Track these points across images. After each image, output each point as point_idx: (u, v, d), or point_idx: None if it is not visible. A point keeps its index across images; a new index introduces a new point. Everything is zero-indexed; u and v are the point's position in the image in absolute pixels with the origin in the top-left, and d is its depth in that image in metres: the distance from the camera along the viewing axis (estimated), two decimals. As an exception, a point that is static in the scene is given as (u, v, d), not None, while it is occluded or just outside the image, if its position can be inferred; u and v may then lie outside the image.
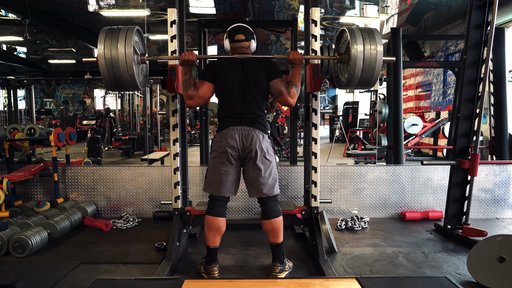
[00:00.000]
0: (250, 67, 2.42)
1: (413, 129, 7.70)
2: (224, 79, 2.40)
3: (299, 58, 2.44)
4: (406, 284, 2.03)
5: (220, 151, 2.39)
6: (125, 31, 2.31)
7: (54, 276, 2.41)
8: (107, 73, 2.29)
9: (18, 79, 10.54)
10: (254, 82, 2.41)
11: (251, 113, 2.41)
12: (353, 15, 8.53)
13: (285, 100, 2.41)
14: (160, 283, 2.14)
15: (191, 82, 2.40)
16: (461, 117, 3.16)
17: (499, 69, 4.90)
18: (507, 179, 3.81)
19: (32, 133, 4.43)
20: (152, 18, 8.75)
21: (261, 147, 2.37)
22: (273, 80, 2.42)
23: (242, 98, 2.41)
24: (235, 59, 2.45)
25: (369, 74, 2.33)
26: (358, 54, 2.29)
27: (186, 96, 2.40)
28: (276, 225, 2.41)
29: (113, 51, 2.26)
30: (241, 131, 2.37)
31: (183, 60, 2.40)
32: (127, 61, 2.27)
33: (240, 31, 2.50)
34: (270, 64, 2.47)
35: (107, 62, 2.27)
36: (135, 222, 3.58)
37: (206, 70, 2.47)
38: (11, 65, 14.64)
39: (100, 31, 2.33)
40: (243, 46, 2.50)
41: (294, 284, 2.08)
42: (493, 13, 2.92)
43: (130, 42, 2.28)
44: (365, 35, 2.33)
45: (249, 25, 2.59)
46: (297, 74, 2.45)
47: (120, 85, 2.38)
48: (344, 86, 2.53)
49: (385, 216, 3.81)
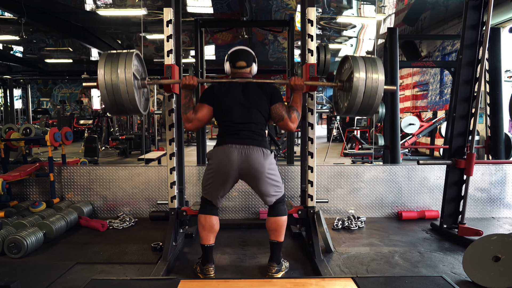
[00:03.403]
0: (251, 90, 2.43)
1: (410, 129, 7.71)
2: (223, 101, 2.40)
3: (300, 84, 2.45)
4: (401, 284, 2.04)
5: (217, 171, 2.36)
6: (124, 56, 2.31)
7: (49, 277, 2.40)
8: (108, 98, 2.29)
9: (14, 79, 10.51)
10: (255, 103, 2.40)
11: (251, 130, 2.37)
12: (350, 15, 8.54)
13: (286, 125, 2.41)
14: (156, 283, 2.13)
15: (191, 105, 2.40)
16: (457, 117, 3.17)
17: (495, 69, 4.92)
18: (503, 178, 3.83)
19: (27, 133, 4.41)
20: (149, 18, 8.72)
21: (263, 166, 2.33)
22: (275, 104, 2.42)
23: (241, 117, 2.37)
24: (235, 83, 2.45)
25: (369, 103, 2.33)
26: (360, 83, 2.29)
27: (185, 119, 2.39)
28: (281, 223, 2.44)
29: (113, 77, 2.25)
30: (241, 150, 2.31)
31: (184, 84, 2.41)
32: (128, 87, 2.27)
33: (242, 57, 2.51)
34: (272, 88, 2.47)
35: (108, 87, 2.26)
36: (132, 222, 3.57)
37: (206, 93, 2.46)
38: (8, 64, 14.56)
39: (100, 56, 2.34)
40: (245, 72, 2.52)
41: (290, 284, 2.08)
42: (488, 13, 2.93)
43: (130, 67, 2.27)
44: (368, 64, 2.33)
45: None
46: (298, 99, 2.47)
47: (122, 110, 2.37)
48: (343, 114, 2.54)
49: (382, 215, 3.82)
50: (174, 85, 2.71)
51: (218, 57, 13.80)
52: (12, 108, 10.19)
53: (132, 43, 12.11)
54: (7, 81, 10.08)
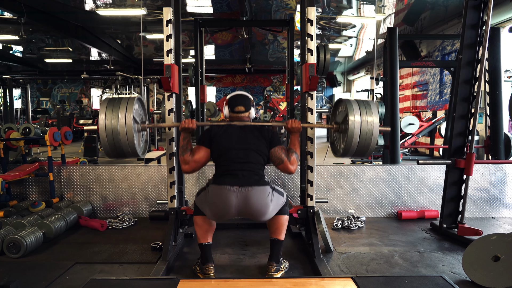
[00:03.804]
0: (249, 132, 2.45)
1: (410, 129, 7.72)
2: (221, 142, 2.40)
3: (297, 127, 2.49)
4: (401, 283, 2.04)
5: (213, 212, 2.35)
6: (126, 101, 2.35)
7: (48, 277, 2.40)
8: (107, 142, 2.32)
9: (14, 78, 10.50)
10: (253, 145, 2.40)
11: (249, 170, 2.35)
12: (350, 15, 8.54)
13: (286, 168, 2.41)
14: (155, 283, 2.13)
15: (189, 148, 2.42)
16: (456, 117, 3.16)
17: (495, 69, 4.92)
18: (503, 178, 3.83)
19: (27, 133, 4.42)
20: (148, 17, 8.72)
21: (263, 207, 2.30)
22: (274, 148, 2.43)
23: (239, 157, 2.37)
24: (233, 125, 2.48)
25: (366, 145, 2.38)
26: (355, 126, 2.35)
27: (182, 160, 2.40)
28: (282, 222, 2.46)
29: (113, 121, 2.29)
30: (239, 193, 2.26)
31: (182, 127, 2.44)
32: (128, 132, 2.31)
33: (240, 102, 2.53)
34: (271, 132, 2.49)
35: (108, 131, 2.30)
36: (131, 222, 3.57)
37: (203, 136, 2.48)
38: (7, 64, 14.57)
39: (102, 101, 2.40)
40: (243, 116, 2.54)
41: (290, 283, 2.08)
42: (488, 13, 2.93)
43: (130, 113, 2.31)
44: (362, 107, 2.39)
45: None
46: (296, 141, 2.50)
47: (120, 154, 2.40)
48: (341, 155, 2.58)
49: (381, 215, 3.82)
50: (174, 84, 2.71)
51: (218, 57, 13.81)
52: (11, 108, 10.18)
53: (132, 43, 12.11)
54: (6, 80, 10.07)
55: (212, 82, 18.13)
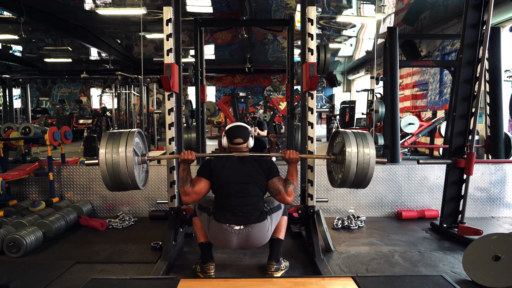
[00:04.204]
0: (248, 163, 2.46)
1: (410, 128, 7.72)
2: (220, 175, 2.41)
3: (295, 158, 2.50)
4: (402, 283, 2.03)
5: (214, 242, 2.43)
6: (126, 135, 2.36)
7: (48, 276, 2.40)
8: (107, 175, 2.32)
9: (13, 78, 10.46)
10: (252, 177, 2.41)
11: (248, 205, 2.37)
12: (350, 14, 8.54)
13: (283, 199, 2.42)
14: (155, 282, 2.13)
15: (188, 179, 2.42)
16: (457, 116, 3.16)
17: (495, 69, 4.92)
18: (503, 178, 3.83)
19: (27, 132, 4.41)
20: (148, 17, 8.71)
21: (263, 240, 2.40)
22: (272, 179, 2.44)
23: (238, 192, 2.38)
24: (232, 157, 2.48)
25: (363, 175, 2.39)
26: (352, 157, 2.37)
27: (182, 192, 2.41)
28: (282, 222, 2.51)
29: (114, 156, 2.30)
30: (240, 234, 2.32)
31: (182, 159, 2.44)
32: (128, 165, 2.31)
33: (239, 134, 2.55)
34: (269, 163, 2.51)
35: (108, 165, 2.30)
36: (131, 221, 3.57)
37: (203, 167, 2.49)
38: (7, 64, 14.55)
39: (103, 135, 2.39)
40: (242, 148, 2.55)
41: (290, 283, 2.07)
42: (488, 12, 2.93)
43: (130, 146, 2.32)
44: (359, 139, 2.41)
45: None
46: (294, 171, 2.51)
47: (121, 187, 2.40)
48: (338, 186, 2.58)
49: (382, 215, 3.81)
50: (174, 83, 2.71)
51: (218, 57, 13.80)
52: (11, 107, 10.15)
53: (132, 43, 12.10)
54: (6, 80, 10.05)
55: (212, 81, 18.12)
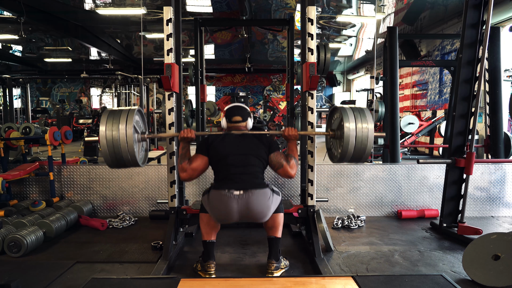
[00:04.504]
0: (248, 139, 2.47)
1: (410, 128, 7.73)
2: (219, 149, 2.43)
3: (294, 134, 2.53)
4: (401, 282, 2.04)
5: (215, 215, 2.39)
6: (126, 113, 2.37)
7: (49, 276, 2.40)
8: (108, 152, 2.33)
9: (13, 78, 10.47)
10: (252, 149, 2.43)
11: (249, 173, 2.37)
12: (349, 14, 8.54)
13: (286, 171, 2.43)
14: (156, 282, 2.13)
15: (187, 156, 2.45)
16: (456, 116, 3.17)
17: (494, 68, 4.92)
18: (502, 177, 3.83)
19: (27, 132, 4.42)
20: (148, 17, 8.72)
21: (269, 208, 2.36)
22: (273, 153, 2.46)
23: (238, 162, 2.39)
24: (231, 134, 2.51)
25: (362, 149, 2.42)
26: (350, 132, 2.39)
27: (180, 168, 2.43)
28: (278, 220, 2.48)
29: (114, 133, 2.31)
30: (240, 199, 2.29)
31: (182, 137, 2.46)
32: (128, 142, 2.33)
33: (237, 112, 2.57)
34: (269, 139, 2.53)
35: (108, 142, 2.32)
36: (131, 221, 3.57)
37: (201, 144, 2.51)
38: (7, 64, 14.56)
39: (103, 113, 2.40)
40: (240, 126, 2.57)
41: (291, 282, 2.08)
42: (488, 12, 2.93)
43: (131, 123, 2.33)
44: (357, 113, 2.43)
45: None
46: (294, 147, 2.55)
47: (121, 163, 2.41)
48: (338, 161, 2.60)
49: (382, 214, 3.82)
50: (174, 83, 2.71)
51: (218, 56, 13.81)
52: (11, 107, 10.16)
53: (132, 42, 12.10)
54: (6, 80, 10.05)
55: (212, 81, 18.12)
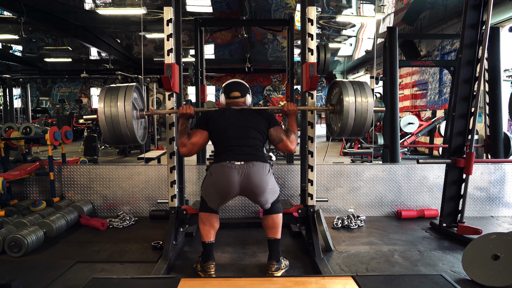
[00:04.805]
0: (247, 113, 2.49)
1: (409, 128, 7.73)
2: (218, 123, 2.44)
3: (293, 109, 2.54)
4: (401, 282, 2.05)
5: (217, 190, 2.40)
6: (124, 89, 2.36)
7: (50, 275, 2.41)
8: (107, 129, 2.33)
9: (13, 78, 10.49)
10: (252, 123, 2.45)
11: (249, 145, 2.39)
12: (349, 14, 8.54)
13: (286, 146, 2.45)
14: (156, 282, 2.14)
15: (186, 132, 2.46)
16: (456, 116, 3.17)
17: (494, 68, 4.92)
18: (502, 177, 3.84)
19: (27, 132, 4.42)
20: (148, 17, 8.72)
21: (266, 181, 2.38)
22: (273, 127, 2.48)
23: (239, 134, 2.41)
24: (230, 108, 2.52)
25: (361, 123, 2.42)
26: (350, 106, 2.39)
27: (180, 143, 2.44)
28: (277, 221, 2.48)
29: (113, 109, 2.31)
30: (241, 168, 2.32)
31: (181, 113, 2.47)
32: (127, 118, 2.32)
33: (236, 88, 2.58)
34: (269, 114, 2.54)
35: (107, 119, 2.31)
36: (132, 221, 3.58)
37: (200, 119, 2.52)
38: (7, 64, 14.56)
39: (101, 90, 2.39)
40: (239, 102, 2.57)
41: (291, 282, 2.08)
42: (488, 12, 2.94)
43: (129, 99, 2.32)
44: (356, 87, 2.43)
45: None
46: (293, 123, 2.56)
47: (120, 140, 2.41)
48: (337, 135, 2.61)
49: (381, 214, 3.82)
50: (174, 83, 2.72)
51: (218, 56, 13.81)
52: (11, 107, 10.17)
53: (132, 42, 12.10)
54: (6, 80, 10.06)
55: (212, 81, 18.14)
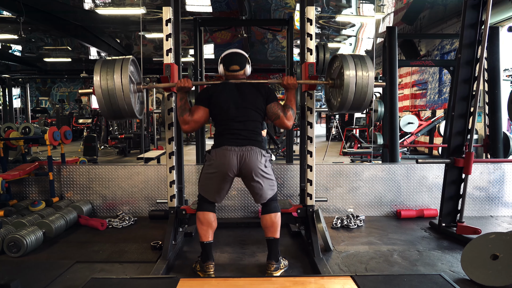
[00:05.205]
0: (247, 89, 2.48)
1: (409, 128, 7.73)
2: (219, 101, 2.44)
3: (293, 83, 2.52)
4: (400, 282, 2.05)
5: (215, 172, 2.42)
6: (120, 62, 2.33)
7: (49, 276, 2.40)
8: (104, 103, 2.31)
9: (13, 78, 10.48)
10: (251, 100, 2.45)
11: (248, 130, 2.43)
12: (349, 14, 8.54)
13: (282, 123, 2.46)
14: (155, 282, 2.14)
15: (187, 108, 2.44)
16: (455, 116, 3.17)
17: (493, 68, 4.92)
18: (501, 177, 3.84)
19: (27, 132, 4.42)
20: (148, 17, 8.71)
21: (260, 166, 2.40)
22: (271, 103, 2.48)
23: (238, 116, 2.43)
24: (230, 83, 2.50)
25: (361, 98, 2.40)
26: (350, 80, 2.36)
27: (182, 121, 2.43)
28: (275, 220, 2.48)
29: (109, 82, 2.28)
30: (240, 153, 2.37)
31: (179, 87, 2.45)
32: (124, 91, 2.29)
33: (235, 61, 2.55)
34: (267, 89, 2.53)
35: (104, 92, 2.29)
36: (131, 221, 3.58)
37: (201, 95, 2.51)
38: (6, 63, 14.55)
39: (96, 63, 2.35)
40: (238, 75, 2.56)
41: (290, 282, 2.09)
42: (487, 12, 2.93)
43: (126, 72, 2.30)
44: (357, 61, 2.40)
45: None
46: (292, 97, 2.53)
47: (118, 115, 2.40)
48: (337, 110, 2.59)
49: (381, 214, 3.82)
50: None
51: (217, 56, 13.71)
52: (11, 107, 10.17)
53: (131, 42, 12.10)
54: (5, 80, 10.06)
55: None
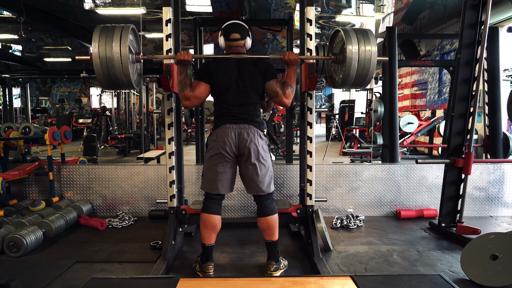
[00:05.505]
0: (246, 67, 2.45)
1: (409, 128, 7.73)
2: (221, 79, 2.42)
3: (294, 59, 2.46)
4: (400, 282, 2.05)
5: (216, 151, 2.42)
6: (120, 30, 2.29)
7: (49, 275, 2.41)
8: (101, 71, 2.27)
9: (13, 77, 10.48)
10: (250, 82, 2.44)
11: (247, 112, 2.45)
12: (349, 14, 8.55)
13: (281, 101, 2.44)
14: (155, 281, 2.14)
15: (187, 83, 2.40)
16: (455, 116, 3.17)
17: (493, 68, 4.92)
18: (501, 177, 3.84)
19: (27, 132, 4.42)
20: (148, 16, 8.72)
21: (257, 146, 2.41)
22: (269, 81, 2.45)
23: (238, 97, 2.44)
24: (230, 59, 2.47)
25: (364, 73, 2.36)
26: (353, 55, 2.32)
27: (183, 96, 2.40)
28: (272, 223, 2.44)
29: (107, 50, 2.23)
30: (237, 130, 2.40)
31: (178, 60, 2.40)
32: (122, 60, 2.25)
33: (235, 29, 2.51)
34: (266, 65, 2.49)
35: (102, 61, 2.24)
36: (131, 221, 3.58)
37: (202, 70, 2.47)
38: (6, 63, 14.54)
39: (94, 29, 2.29)
40: (239, 45, 2.52)
41: (289, 282, 2.09)
42: (486, 12, 2.94)
43: (125, 41, 2.26)
44: (360, 35, 2.36)
45: (245, 24, 2.60)
46: (292, 74, 2.48)
47: (115, 84, 2.36)
48: (339, 86, 2.56)
49: (380, 214, 3.83)
50: (174, 84, 2.71)
51: (217, 56, 13.79)
52: (11, 107, 10.18)
53: (131, 42, 12.08)
54: (6, 80, 10.07)
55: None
